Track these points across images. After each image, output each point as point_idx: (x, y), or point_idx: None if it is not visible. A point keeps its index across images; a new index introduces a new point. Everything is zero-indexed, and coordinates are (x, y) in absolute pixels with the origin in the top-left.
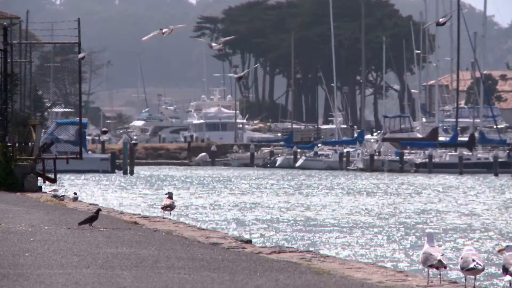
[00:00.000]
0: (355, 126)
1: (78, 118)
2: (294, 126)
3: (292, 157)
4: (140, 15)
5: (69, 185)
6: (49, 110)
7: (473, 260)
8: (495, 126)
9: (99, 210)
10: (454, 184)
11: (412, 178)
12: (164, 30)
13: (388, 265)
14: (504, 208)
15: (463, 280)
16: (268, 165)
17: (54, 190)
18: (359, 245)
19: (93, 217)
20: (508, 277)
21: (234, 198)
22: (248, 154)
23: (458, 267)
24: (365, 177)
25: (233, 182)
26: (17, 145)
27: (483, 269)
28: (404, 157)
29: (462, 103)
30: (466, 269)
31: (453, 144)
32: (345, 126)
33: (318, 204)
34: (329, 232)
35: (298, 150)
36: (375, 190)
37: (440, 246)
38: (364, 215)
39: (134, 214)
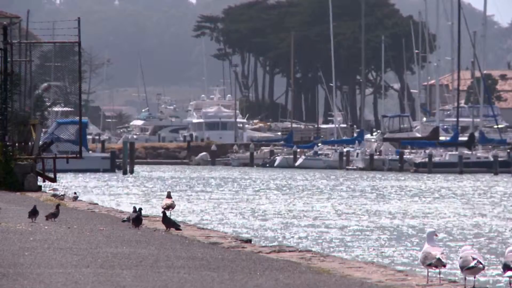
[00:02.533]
0: (355, 126)
1: (78, 118)
2: (294, 125)
3: (291, 156)
4: (140, 14)
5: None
6: (49, 109)
7: (473, 259)
8: (496, 126)
9: (140, 209)
10: (452, 186)
11: (411, 179)
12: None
13: (388, 264)
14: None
15: (462, 279)
16: (267, 165)
17: (54, 189)
18: (359, 244)
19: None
20: (509, 273)
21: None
22: (248, 153)
23: (458, 266)
24: (366, 177)
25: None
26: (17, 144)
27: (483, 268)
28: (404, 157)
29: (462, 102)
30: (466, 268)
31: (453, 143)
32: (345, 125)
33: (319, 204)
34: (329, 231)
35: (298, 150)
36: (376, 190)
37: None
38: (364, 215)
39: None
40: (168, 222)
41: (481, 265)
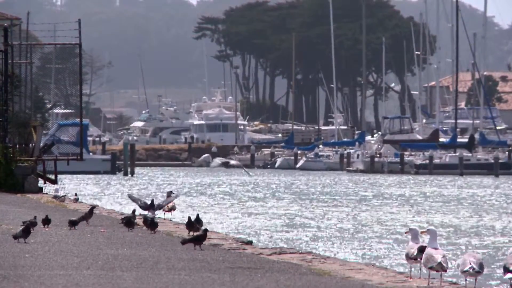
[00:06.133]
0: (355, 127)
1: (79, 119)
2: (295, 127)
3: (292, 158)
4: (141, 16)
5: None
6: (49, 111)
7: (470, 263)
8: (494, 127)
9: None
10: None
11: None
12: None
13: (389, 266)
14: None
15: (463, 281)
16: (268, 166)
17: (55, 190)
18: (360, 246)
19: (200, 236)
20: (509, 275)
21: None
22: (249, 155)
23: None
24: (367, 179)
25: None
26: (17, 146)
27: (479, 272)
28: (404, 158)
29: (462, 104)
30: (462, 271)
31: (453, 145)
32: (345, 127)
33: (320, 206)
34: (330, 233)
35: (299, 151)
36: (377, 193)
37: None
38: (365, 217)
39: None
40: (192, 226)
41: (473, 271)
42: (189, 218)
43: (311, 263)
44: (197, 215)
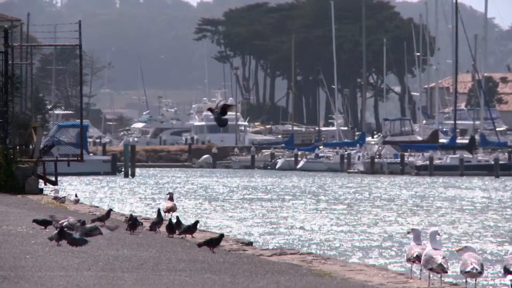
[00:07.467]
0: (355, 128)
1: (79, 121)
2: (295, 128)
3: (292, 159)
4: (141, 17)
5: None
6: (50, 112)
7: (471, 263)
8: (494, 129)
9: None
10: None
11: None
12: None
13: (390, 267)
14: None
15: (464, 282)
16: (269, 167)
17: (55, 191)
18: (360, 247)
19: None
20: (509, 277)
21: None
22: (249, 156)
23: (459, 269)
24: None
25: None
26: (18, 147)
27: (480, 273)
28: (405, 160)
29: (462, 105)
30: (464, 272)
31: (453, 146)
32: (345, 128)
33: (320, 207)
34: (330, 234)
35: (299, 152)
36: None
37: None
38: (365, 218)
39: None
40: (172, 229)
41: (475, 271)
42: (170, 220)
43: (312, 264)
44: (177, 217)
